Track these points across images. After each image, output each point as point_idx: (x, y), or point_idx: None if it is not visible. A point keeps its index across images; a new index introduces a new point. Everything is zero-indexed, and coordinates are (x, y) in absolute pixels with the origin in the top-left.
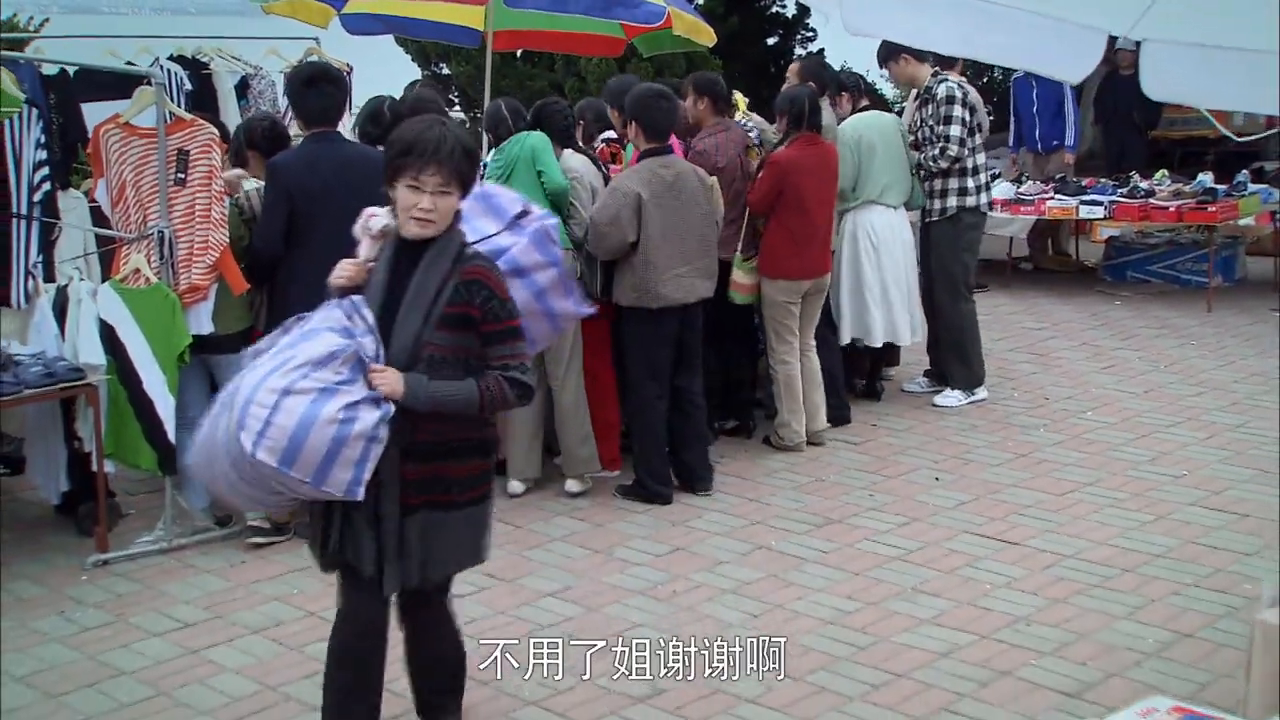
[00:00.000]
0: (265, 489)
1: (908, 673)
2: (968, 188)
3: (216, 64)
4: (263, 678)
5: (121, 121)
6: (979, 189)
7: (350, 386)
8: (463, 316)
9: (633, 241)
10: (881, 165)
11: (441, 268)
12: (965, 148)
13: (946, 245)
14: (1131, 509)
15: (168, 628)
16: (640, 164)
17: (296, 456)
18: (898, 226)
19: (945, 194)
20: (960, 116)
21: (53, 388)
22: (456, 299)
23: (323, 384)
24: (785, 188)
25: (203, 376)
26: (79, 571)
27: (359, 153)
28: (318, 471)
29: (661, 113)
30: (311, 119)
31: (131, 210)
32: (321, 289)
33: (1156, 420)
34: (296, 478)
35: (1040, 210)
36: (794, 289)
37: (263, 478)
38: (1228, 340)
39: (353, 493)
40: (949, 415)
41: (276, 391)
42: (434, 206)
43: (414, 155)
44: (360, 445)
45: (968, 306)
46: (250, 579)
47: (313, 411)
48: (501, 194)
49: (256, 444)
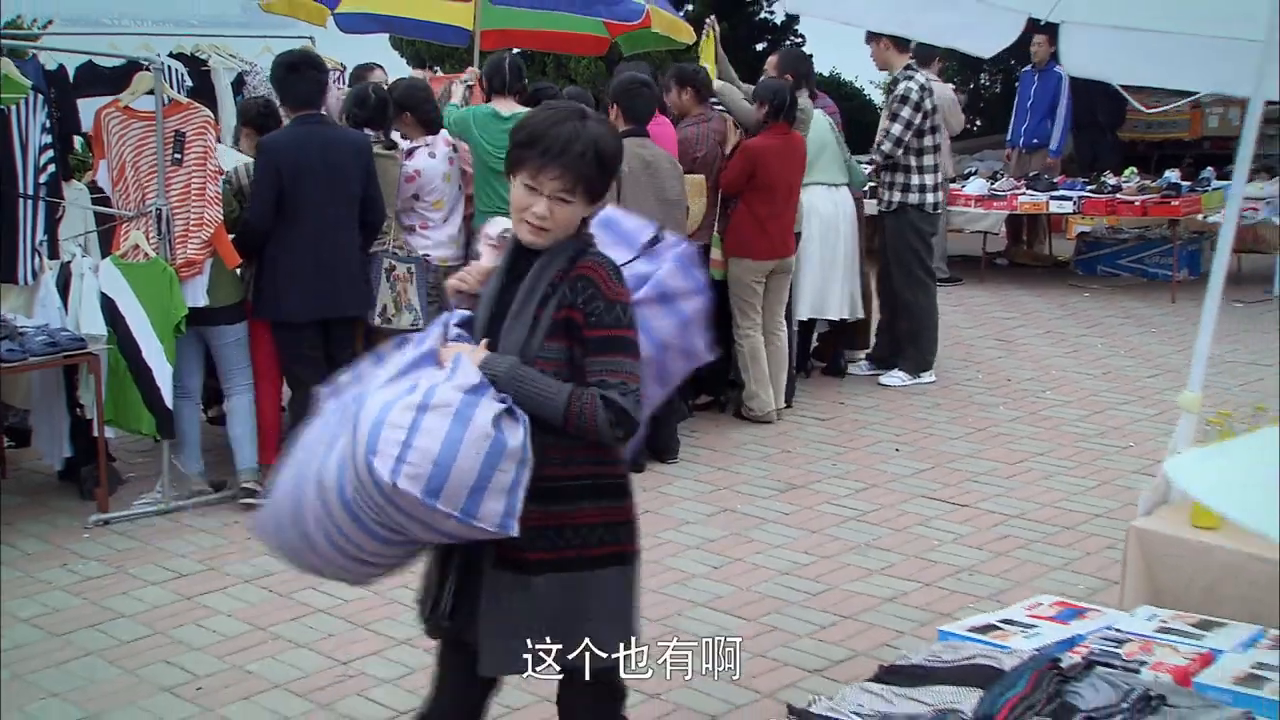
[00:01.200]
0: (368, 547)
1: (854, 615)
2: (911, 185)
3: (214, 61)
4: (253, 620)
5: (121, 105)
6: (923, 188)
7: (483, 397)
8: (568, 321)
9: None
10: (815, 151)
11: (554, 269)
12: (901, 146)
13: (895, 236)
14: (1078, 476)
15: (164, 577)
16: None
17: (444, 484)
18: (841, 204)
19: (892, 187)
20: (907, 117)
21: (57, 355)
22: (564, 302)
23: (460, 396)
24: (755, 171)
25: (198, 347)
26: (81, 530)
27: (342, 134)
28: (468, 502)
29: (642, 99)
30: (297, 102)
31: (131, 189)
32: (306, 260)
33: (1110, 399)
34: (443, 511)
35: (1013, 205)
36: (759, 269)
37: (382, 525)
38: (1188, 328)
39: (507, 526)
40: (913, 394)
41: (413, 409)
42: (549, 214)
43: (536, 150)
44: (512, 469)
45: (923, 293)
46: (243, 536)
47: (457, 430)
48: (626, 219)
49: (395, 471)
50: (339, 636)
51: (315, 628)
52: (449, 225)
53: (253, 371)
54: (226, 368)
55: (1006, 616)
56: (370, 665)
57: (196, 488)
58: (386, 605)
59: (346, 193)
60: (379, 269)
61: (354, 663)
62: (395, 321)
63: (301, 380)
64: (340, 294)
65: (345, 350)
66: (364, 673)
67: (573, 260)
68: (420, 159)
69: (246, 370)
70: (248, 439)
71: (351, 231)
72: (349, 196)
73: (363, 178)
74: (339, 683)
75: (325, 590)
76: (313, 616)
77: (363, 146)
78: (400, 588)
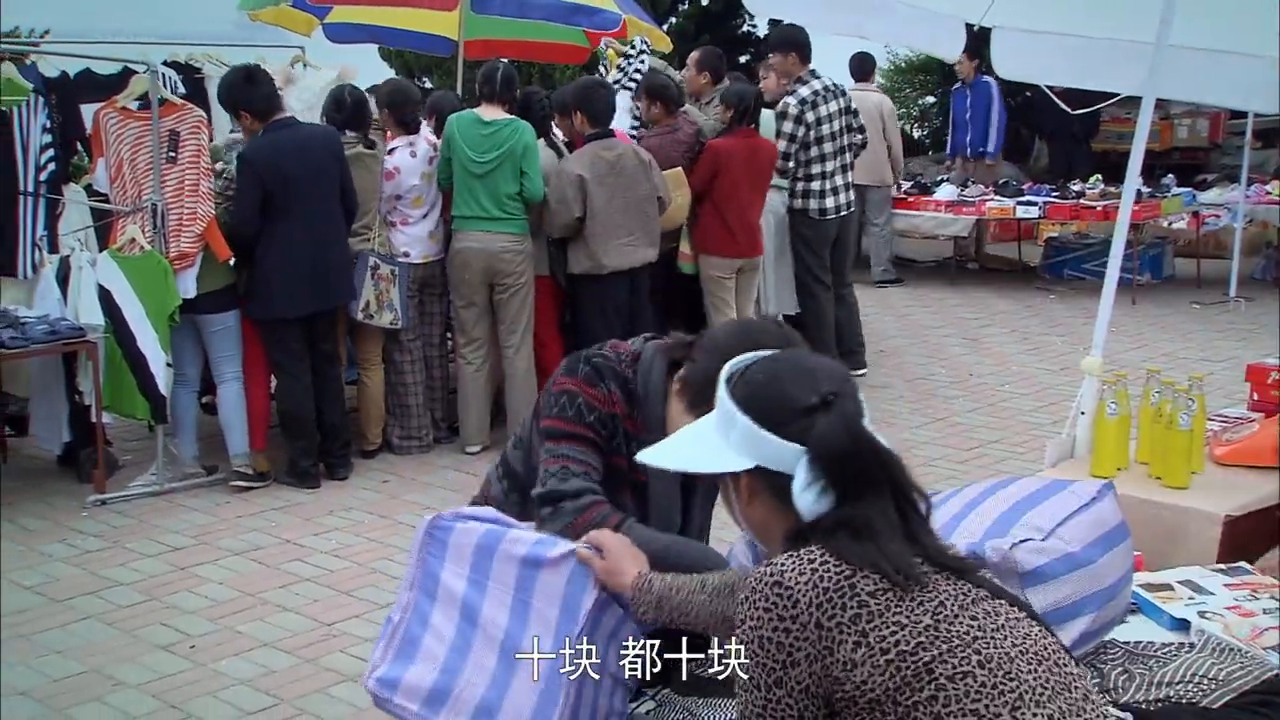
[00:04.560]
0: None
1: None
2: (795, 191)
3: (208, 69)
4: (243, 587)
5: (118, 105)
6: (807, 194)
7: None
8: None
9: (579, 217)
10: None
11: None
12: (788, 159)
13: (791, 239)
14: (1029, 460)
15: (159, 550)
16: (584, 147)
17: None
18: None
19: (792, 194)
20: (788, 131)
21: (56, 343)
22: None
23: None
24: (719, 172)
25: (195, 336)
26: (79, 509)
27: (310, 130)
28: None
29: (600, 100)
30: (263, 110)
31: (128, 186)
32: (299, 259)
33: (1067, 391)
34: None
35: (981, 211)
36: (727, 265)
37: None
38: (1146, 328)
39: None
40: (878, 388)
41: None
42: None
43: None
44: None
45: (810, 298)
46: (234, 515)
47: None
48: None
49: None
50: (324, 602)
51: (301, 594)
52: (427, 221)
53: (242, 360)
54: (216, 356)
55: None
56: (353, 626)
57: (190, 471)
58: (370, 574)
59: (328, 187)
60: (364, 266)
61: (337, 624)
62: (376, 318)
63: (285, 369)
64: (330, 288)
65: (328, 339)
66: (347, 633)
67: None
68: (400, 157)
69: (236, 358)
70: (238, 425)
71: (338, 224)
72: (331, 190)
73: (338, 168)
74: (323, 641)
75: (311, 562)
76: (299, 585)
77: (333, 137)
78: (382, 560)
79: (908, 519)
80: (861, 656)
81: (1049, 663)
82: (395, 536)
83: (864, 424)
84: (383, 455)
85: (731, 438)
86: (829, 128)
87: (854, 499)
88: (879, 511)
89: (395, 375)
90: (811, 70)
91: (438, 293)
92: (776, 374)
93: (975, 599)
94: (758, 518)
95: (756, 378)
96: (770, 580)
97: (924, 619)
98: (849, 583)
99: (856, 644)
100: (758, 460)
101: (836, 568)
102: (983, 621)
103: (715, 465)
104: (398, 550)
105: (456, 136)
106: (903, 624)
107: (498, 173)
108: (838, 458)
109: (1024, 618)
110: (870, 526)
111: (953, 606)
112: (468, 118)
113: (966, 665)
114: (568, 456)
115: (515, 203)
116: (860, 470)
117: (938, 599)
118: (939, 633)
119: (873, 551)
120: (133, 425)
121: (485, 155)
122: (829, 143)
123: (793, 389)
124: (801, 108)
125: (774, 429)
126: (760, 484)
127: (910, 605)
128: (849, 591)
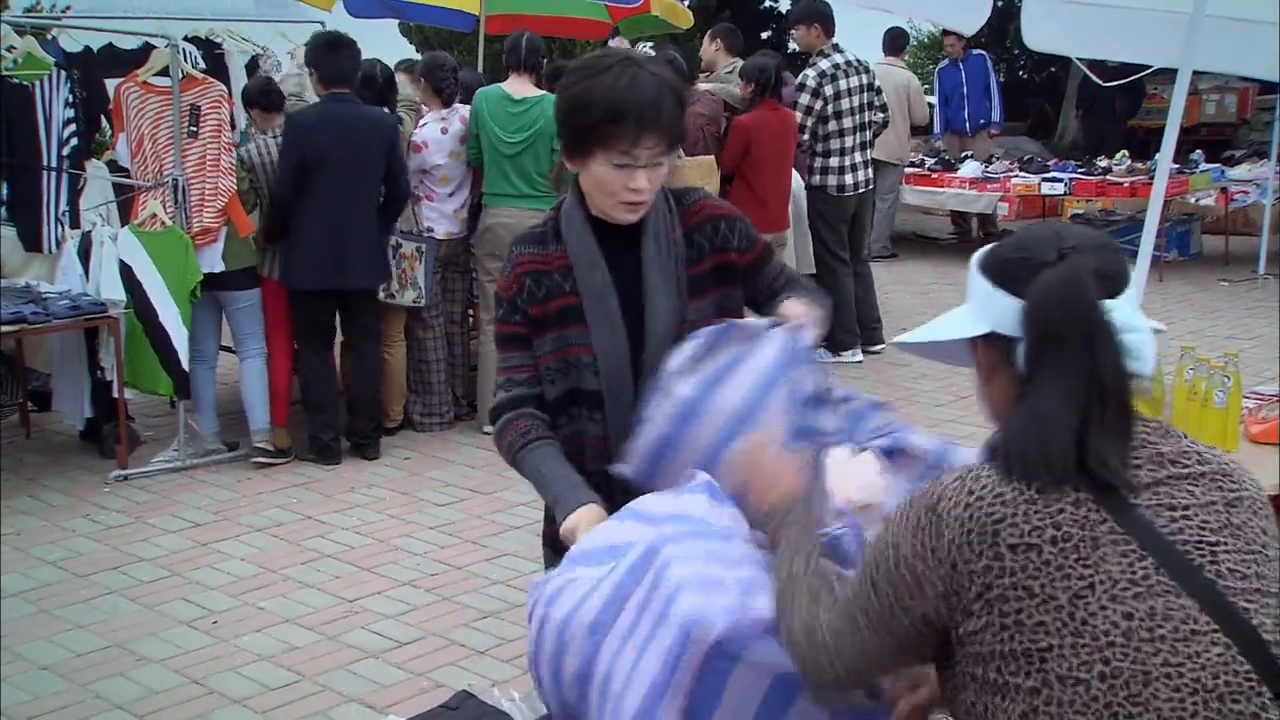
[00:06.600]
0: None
1: None
2: (815, 167)
3: (228, 44)
4: (264, 563)
5: (139, 80)
6: (825, 170)
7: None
8: (716, 269)
9: None
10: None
11: (664, 230)
12: (806, 132)
13: (810, 215)
14: None
15: (181, 526)
16: None
17: None
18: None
19: (810, 170)
20: (805, 104)
21: (78, 318)
22: (702, 253)
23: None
24: (749, 148)
25: (214, 311)
26: (102, 485)
27: (367, 112)
28: None
29: None
30: (331, 80)
31: (149, 160)
32: (321, 232)
33: None
34: None
35: (1006, 187)
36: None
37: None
38: (1173, 306)
39: None
40: (899, 366)
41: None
42: (649, 183)
43: (627, 123)
44: None
45: (829, 274)
46: (255, 491)
47: None
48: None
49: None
50: (345, 578)
51: (323, 570)
52: (454, 199)
53: (265, 337)
54: (239, 333)
55: None
56: (374, 603)
57: (211, 447)
58: (391, 552)
59: (368, 169)
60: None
61: (359, 600)
62: (399, 297)
63: (307, 342)
64: (350, 266)
65: (366, 314)
66: (368, 609)
67: (680, 212)
68: (429, 130)
69: (259, 335)
70: (260, 401)
71: (369, 207)
72: (370, 173)
73: (386, 155)
74: (345, 618)
75: (332, 539)
76: (321, 561)
77: (387, 122)
78: (403, 536)
79: (1089, 415)
80: (980, 609)
81: (1214, 697)
82: (416, 513)
83: (1090, 285)
84: (404, 432)
85: (972, 306)
86: (848, 103)
87: (1045, 370)
88: (1061, 394)
89: (419, 353)
90: (834, 44)
91: (460, 270)
92: (1025, 235)
93: (1147, 591)
94: (996, 399)
95: (1006, 242)
96: (929, 502)
97: (1059, 595)
98: (994, 529)
99: (979, 595)
100: (991, 325)
101: (989, 508)
102: (1135, 624)
103: (950, 332)
104: (419, 527)
105: (485, 115)
106: (1033, 593)
107: (528, 152)
108: (1039, 316)
109: (1211, 632)
110: (1041, 417)
111: (1104, 593)
112: (495, 94)
113: (1085, 672)
114: (508, 366)
115: (546, 181)
116: (1058, 338)
117: (1090, 577)
118: (1069, 619)
119: (1034, 458)
120: (154, 401)
121: (516, 135)
122: (848, 118)
123: (1035, 245)
124: (820, 80)
125: (1006, 285)
126: (997, 356)
127: (1050, 573)
128: (990, 539)
